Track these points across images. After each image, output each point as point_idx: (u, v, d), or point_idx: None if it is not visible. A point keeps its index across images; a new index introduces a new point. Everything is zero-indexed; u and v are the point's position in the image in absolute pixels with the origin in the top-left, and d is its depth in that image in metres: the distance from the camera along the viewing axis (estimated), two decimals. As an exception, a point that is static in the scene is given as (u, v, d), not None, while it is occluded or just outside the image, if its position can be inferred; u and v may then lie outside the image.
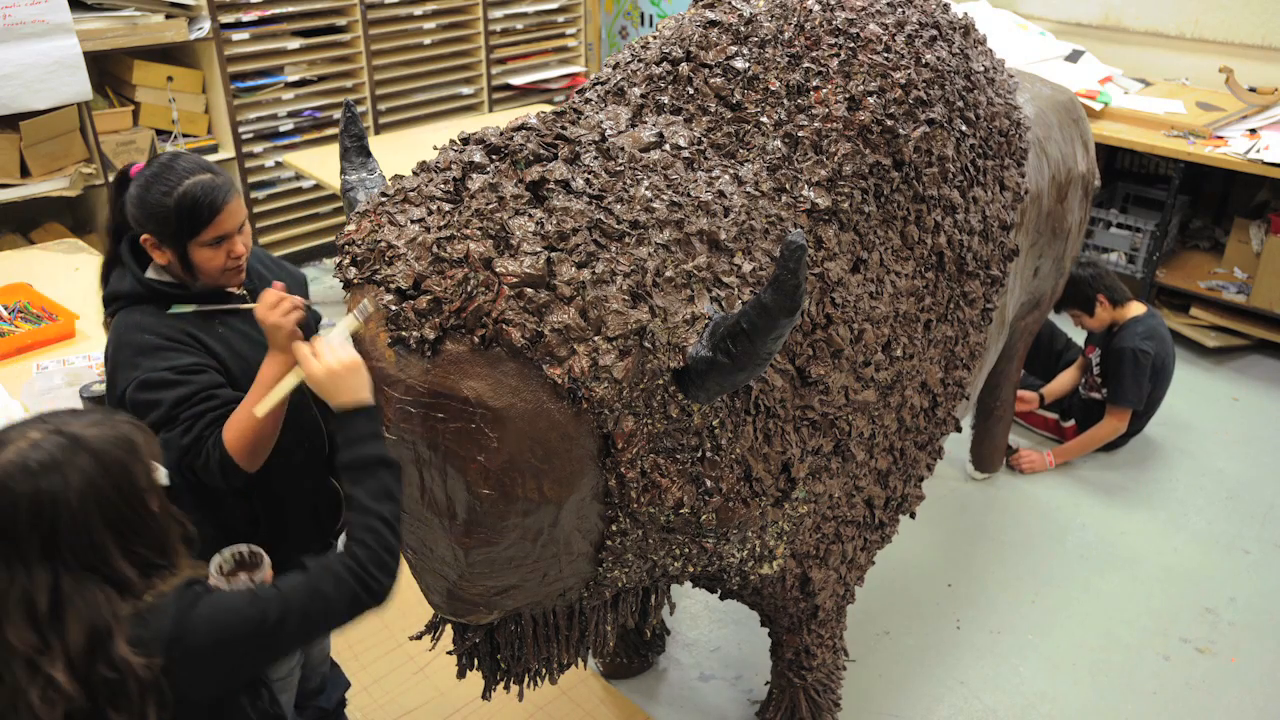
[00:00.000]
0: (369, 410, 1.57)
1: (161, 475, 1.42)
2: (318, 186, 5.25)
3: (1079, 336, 4.24)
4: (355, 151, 2.01)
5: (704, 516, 1.82)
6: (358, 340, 1.69)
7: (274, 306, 1.79)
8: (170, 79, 4.72)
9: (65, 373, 2.83)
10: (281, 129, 5.17)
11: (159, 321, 1.92)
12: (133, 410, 1.79)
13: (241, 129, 4.99)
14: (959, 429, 2.59)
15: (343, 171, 2.00)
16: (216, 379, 1.93)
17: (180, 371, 1.87)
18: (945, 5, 2.52)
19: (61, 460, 1.29)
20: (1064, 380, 4.13)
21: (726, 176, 1.92)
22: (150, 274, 1.98)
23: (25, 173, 4.34)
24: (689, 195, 1.82)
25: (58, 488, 1.27)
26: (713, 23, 2.18)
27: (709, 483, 1.79)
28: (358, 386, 1.56)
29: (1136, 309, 3.87)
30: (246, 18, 4.83)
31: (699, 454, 1.77)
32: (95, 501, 1.29)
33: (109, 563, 1.31)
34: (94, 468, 1.30)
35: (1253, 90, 4.91)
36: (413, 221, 1.68)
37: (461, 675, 2.12)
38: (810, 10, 2.22)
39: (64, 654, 1.26)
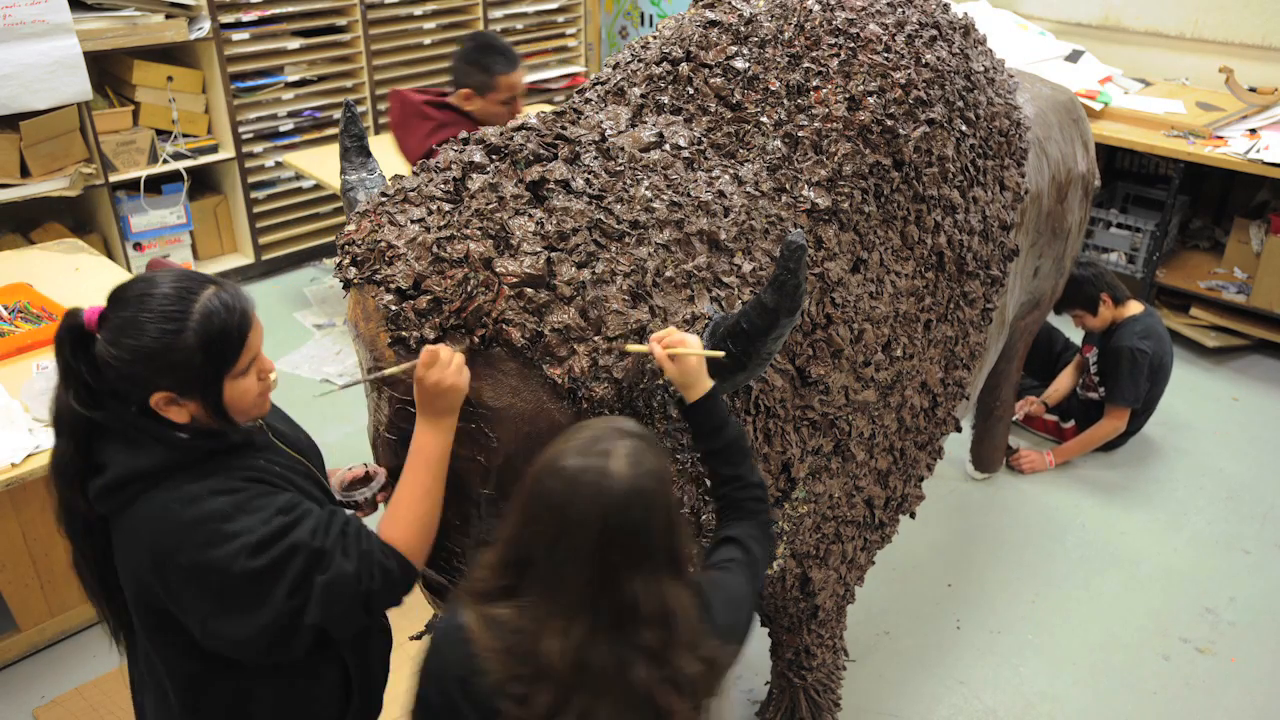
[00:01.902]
0: (715, 394, 1.56)
1: None
2: (318, 186, 5.25)
3: (1077, 337, 4.24)
4: (355, 151, 2.01)
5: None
6: (358, 340, 1.69)
7: (446, 365, 1.50)
8: (170, 79, 4.71)
9: (65, 373, 2.83)
10: (281, 129, 5.17)
11: (211, 481, 1.45)
12: (260, 584, 1.40)
13: (241, 129, 4.99)
14: (959, 429, 2.59)
15: (343, 171, 2.00)
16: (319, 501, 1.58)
17: (287, 510, 1.46)
18: (945, 5, 2.52)
19: (662, 465, 1.31)
20: (1063, 382, 4.13)
21: (726, 176, 1.92)
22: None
23: (25, 173, 4.34)
24: (689, 195, 1.82)
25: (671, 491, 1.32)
26: (713, 23, 2.18)
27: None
28: (704, 374, 1.55)
29: (1135, 308, 3.87)
30: (246, 18, 4.83)
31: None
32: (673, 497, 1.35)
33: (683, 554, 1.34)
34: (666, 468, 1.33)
35: (1253, 90, 4.91)
36: (413, 221, 1.68)
37: (461, 675, 2.12)
38: (810, 10, 2.22)
39: (682, 646, 1.27)
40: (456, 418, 1.55)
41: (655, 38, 2.27)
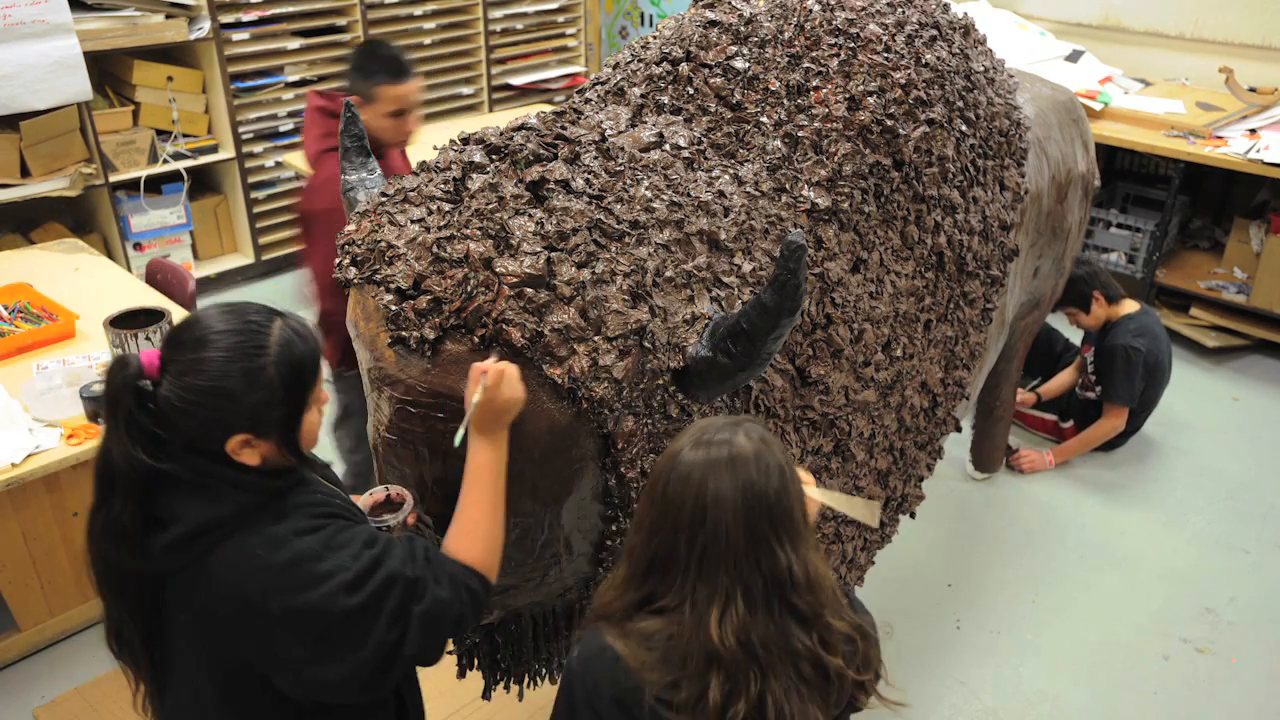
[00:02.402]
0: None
1: None
2: (318, 186, 5.25)
3: (1077, 338, 4.24)
4: (355, 151, 2.01)
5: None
6: (357, 339, 1.69)
7: (513, 380, 1.49)
8: (170, 79, 4.71)
9: (65, 372, 2.83)
10: (281, 129, 5.17)
11: (291, 522, 1.39)
12: (361, 621, 1.34)
13: (241, 129, 4.99)
14: (959, 429, 2.58)
15: (343, 171, 2.00)
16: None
17: (372, 542, 1.41)
18: (945, 5, 2.52)
19: (771, 435, 1.35)
20: (1061, 380, 4.13)
21: (726, 176, 1.92)
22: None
23: (25, 173, 4.34)
24: (689, 195, 1.82)
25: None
26: (713, 23, 2.18)
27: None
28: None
29: (1130, 306, 3.87)
30: (246, 18, 4.83)
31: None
32: None
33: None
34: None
35: (1253, 90, 4.91)
36: (413, 221, 1.68)
37: (461, 675, 2.12)
38: (810, 10, 2.22)
39: (830, 609, 1.31)
40: (504, 429, 1.53)
41: (655, 38, 2.27)
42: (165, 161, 4.79)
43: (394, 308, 1.60)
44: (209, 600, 1.33)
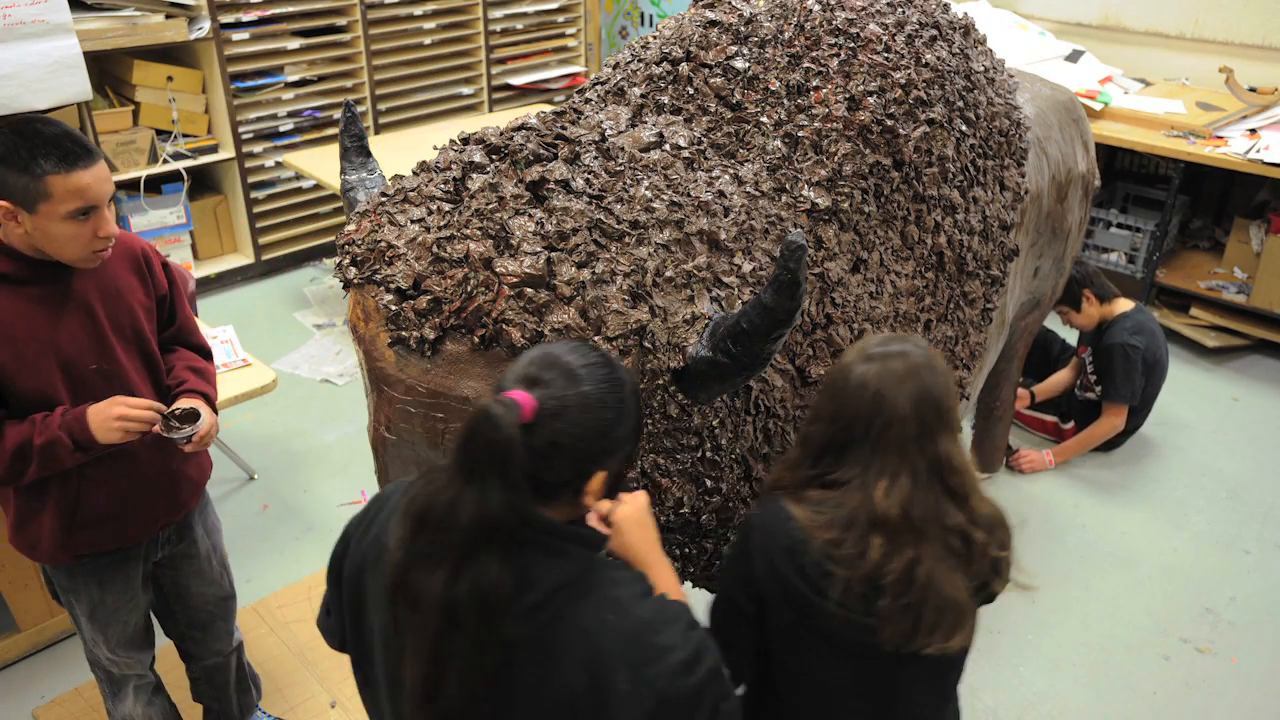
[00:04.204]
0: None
1: None
2: (318, 186, 5.25)
3: (1074, 339, 4.24)
4: (355, 151, 2.01)
5: (704, 517, 1.82)
6: (358, 340, 1.69)
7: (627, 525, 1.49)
8: (170, 79, 4.72)
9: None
10: (281, 129, 5.17)
11: (627, 584, 1.29)
12: (687, 709, 1.25)
13: (241, 129, 4.99)
14: (959, 429, 2.58)
15: (343, 171, 2.00)
16: None
17: (692, 621, 1.33)
18: (945, 5, 2.52)
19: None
20: (1057, 380, 4.13)
21: (726, 176, 1.92)
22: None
23: (25, 173, 4.34)
24: (689, 195, 1.82)
25: None
26: (713, 23, 2.18)
27: (709, 483, 1.80)
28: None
29: (1124, 305, 3.87)
30: (246, 18, 4.83)
31: (699, 454, 1.77)
32: None
33: None
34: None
35: (1253, 90, 4.91)
36: (413, 221, 1.68)
37: (461, 675, 2.12)
38: (810, 10, 2.22)
39: (976, 491, 1.54)
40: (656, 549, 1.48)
41: (655, 38, 2.27)
42: (165, 161, 4.79)
43: (394, 308, 1.60)
44: (557, 671, 1.21)
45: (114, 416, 1.88)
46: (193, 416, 1.99)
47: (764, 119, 2.04)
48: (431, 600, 1.15)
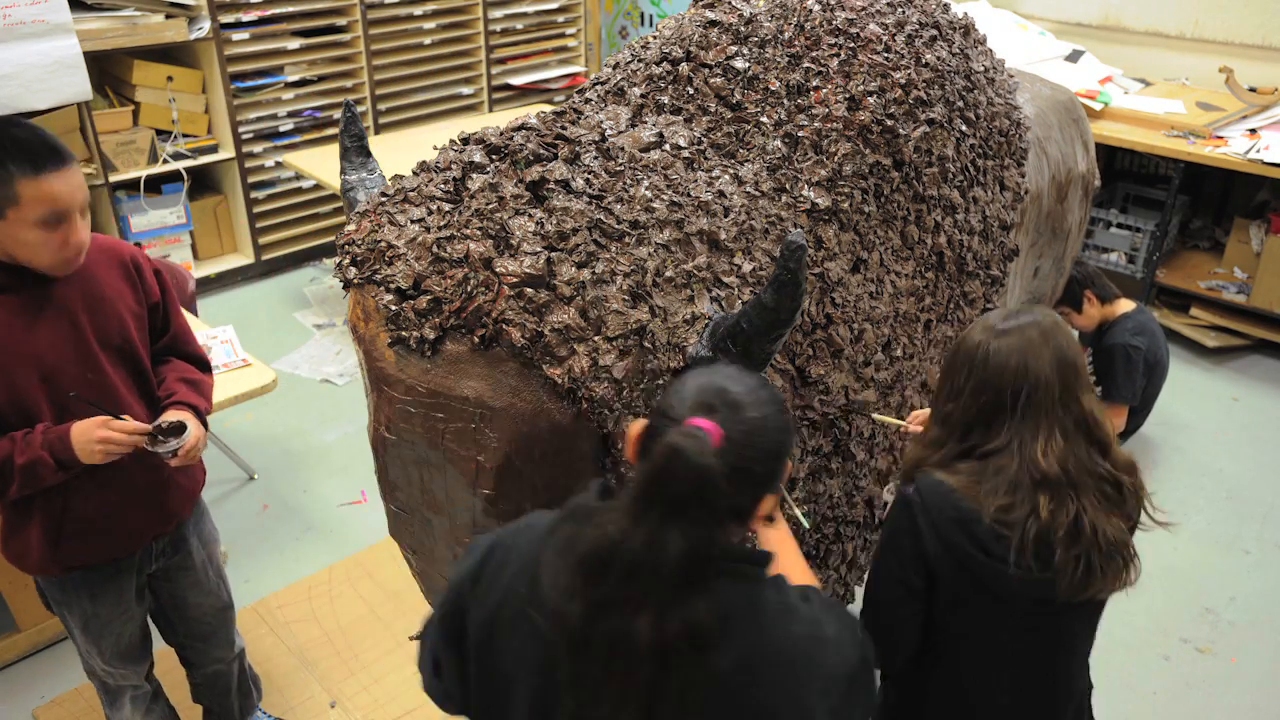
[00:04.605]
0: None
1: None
2: (318, 186, 5.25)
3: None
4: (355, 151, 2.01)
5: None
6: (358, 340, 1.69)
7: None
8: (170, 79, 4.71)
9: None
10: (281, 129, 5.17)
11: (781, 591, 1.30)
12: (867, 675, 1.32)
13: (241, 129, 4.99)
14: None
15: (343, 171, 2.00)
16: None
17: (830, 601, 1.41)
18: (945, 5, 2.52)
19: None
20: None
21: (726, 176, 1.92)
22: None
23: (25, 173, 4.33)
24: (689, 195, 1.82)
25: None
26: (713, 23, 2.18)
27: None
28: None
29: (1125, 305, 3.87)
30: (246, 18, 4.83)
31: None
32: None
33: None
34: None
35: (1253, 90, 4.91)
36: (413, 221, 1.68)
37: (461, 675, 2.12)
38: (810, 10, 2.22)
39: (1114, 442, 1.63)
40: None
41: (655, 38, 2.27)
42: (165, 161, 4.79)
43: (394, 308, 1.60)
44: (751, 689, 1.20)
45: (96, 440, 1.81)
46: (178, 430, 1.93)
47: (764, 119, 2.04)
48: (638, 646, 1.10)
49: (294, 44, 5.05)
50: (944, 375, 1.66)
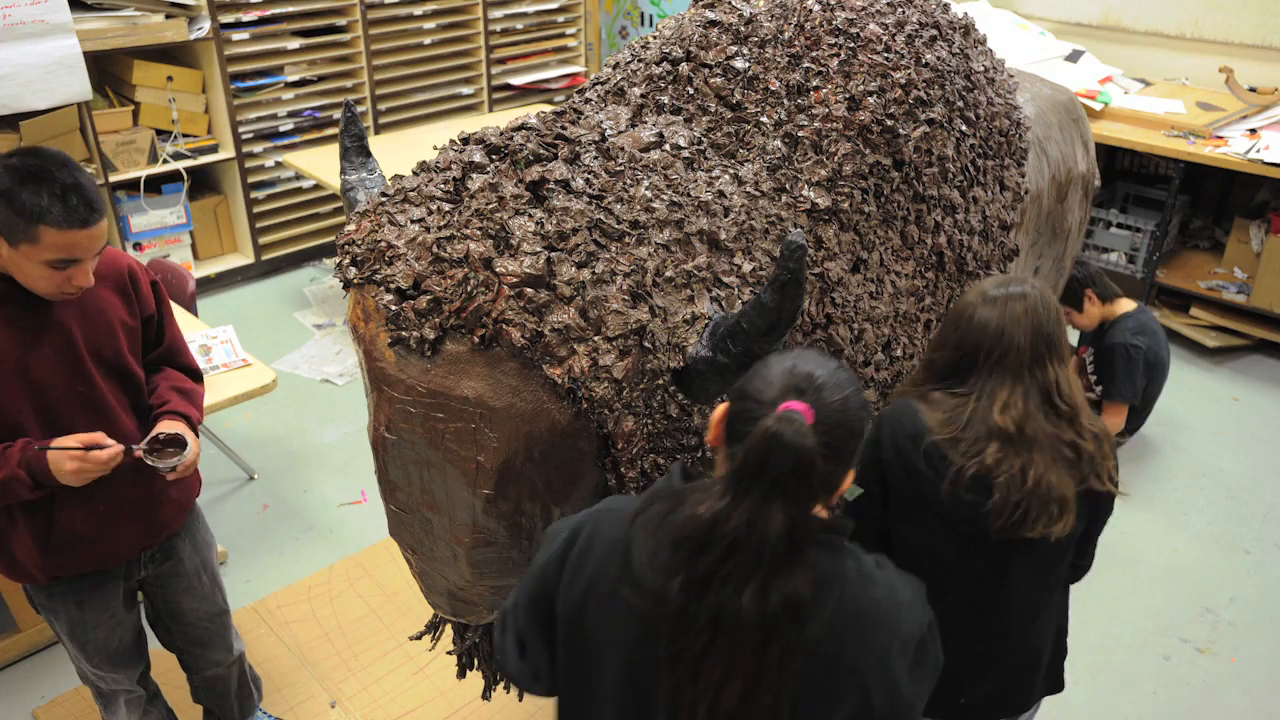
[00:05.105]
0: None
1: None
2: (318, 186, 5.25)
3: (1073, 338, 4.24)
4: (355, 151, 2.01)
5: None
6: (358, 340, 1.69)
7: None
8: (170, 79, 4.71)
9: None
10: (281, 129, 5.17)
11: (857, 557, 1.36)
12: (933, 641, 1.38)
13: (241, 129, 4.99)
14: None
15: (343, 171, 2.00)
16: None
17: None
18: (945, 5, 2.52)
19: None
20: None
21: (726, 176, 1.92)
22: None
23: (25, 173, 4.33)
24: (689, 195, 1.82)
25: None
26: (713, 23, 2.18)
27: None
28: None
29: (1126, 305, 3.87)
30: (246, 18, 4.83)
31: (699, 454, 1.77)
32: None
33: None
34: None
35: (1253, 90, 4.91)
36: (413, 221, 1.68)
37: (461, 675, 2.12)
38: (810, 10, 2.22)
39: (1084, 412, 1.78)
40: None
41: (655, 38, 2.27)
42: (165, 161, 4.79)
43: (394, 308, 1.60)
44: (840, 656, 1.26)
45: (69, 471, 1.81)
46: (177, 442, 1.93)
47: (764, 119, 2.04)
48: (742, 619, 1.16)
49: (294, 44, 5.05)
50: (940, 329, 1.86)
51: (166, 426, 1.97)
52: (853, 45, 2.16)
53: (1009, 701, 1.95)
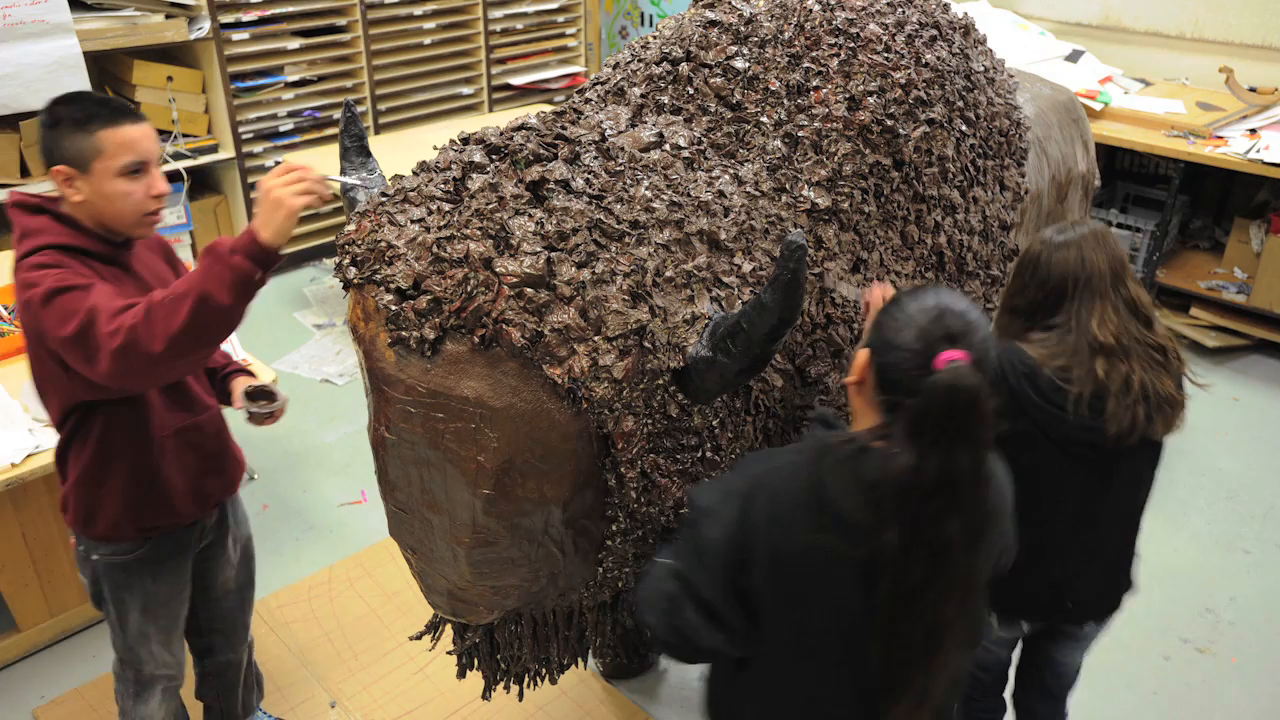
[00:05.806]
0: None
1: None
2: (318, 186, 5.24)
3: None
4: (355, 151, 2.01)
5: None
6: (358, 340, 1.69)
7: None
8: (170, 79, 4.72)
9: (65, 373, 2.83)
10: (281, 129, 5.17)
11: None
12: None
13: (241, 129, 4.99)
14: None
15: (342, 171, 2.00)
16: None
17: None
18: (945, 5, 2.52)
19: None
20: None
21: (726, 176, 1.92)
22: None
23: (25, 173, 4.34)
24: (689, 195, 1.82)
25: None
26: (713, 23, 2.18)
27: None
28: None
29: None
30: (246, 18, 4.83)
31: (699, 454, 1.77)
32: None
33: None
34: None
35: (1253, 90, 4.91)
36: (413, 221, 1.68)
37: (461, 675, 2.12)
38: (810, 10, 2.22)
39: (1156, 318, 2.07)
40: None
41: (655, 38, 2.27)
42: (165, 161, 4.79)
43: (394, 308, 1.60)
44: (993, 529, 1.49)
45: (298, 194, 1.76)
46: (268, 394, 2.12)
47: (764, 119, 2.04)
48: (954, 547, 1.34)
49: (294, 44, 5.05)
50: (1010, 280, 2.05)
51: (248, 381, 2.17)
52: (853, 45, 2.16)
53: (1102, 604, 2.18)
